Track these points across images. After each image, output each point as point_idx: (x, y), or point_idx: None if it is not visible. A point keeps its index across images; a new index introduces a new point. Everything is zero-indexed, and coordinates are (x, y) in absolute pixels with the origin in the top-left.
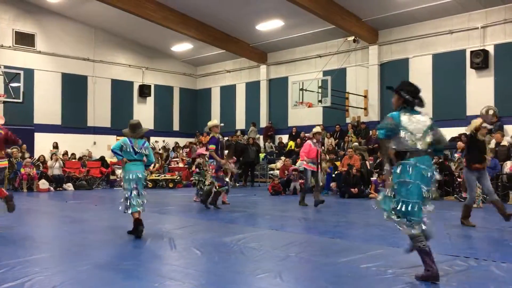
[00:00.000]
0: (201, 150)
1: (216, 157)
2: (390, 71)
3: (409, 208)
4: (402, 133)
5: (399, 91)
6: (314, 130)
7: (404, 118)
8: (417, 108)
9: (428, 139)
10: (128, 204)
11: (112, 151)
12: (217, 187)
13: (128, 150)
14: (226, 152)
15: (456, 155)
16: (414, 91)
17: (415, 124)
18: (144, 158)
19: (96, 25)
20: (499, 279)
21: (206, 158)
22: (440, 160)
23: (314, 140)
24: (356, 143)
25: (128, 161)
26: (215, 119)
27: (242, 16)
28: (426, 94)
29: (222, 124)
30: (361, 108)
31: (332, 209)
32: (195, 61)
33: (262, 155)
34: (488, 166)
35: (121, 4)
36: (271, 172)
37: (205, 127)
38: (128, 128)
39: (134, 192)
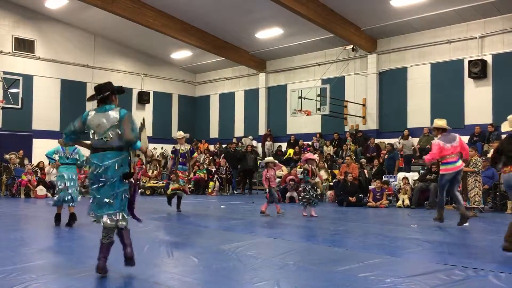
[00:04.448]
0: (309, 155)
1: (170, 163)
2: (389, 80)
3: (92, 202)
4: (90, 131)
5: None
6: (440, 122)
7: (91, 117)
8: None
9: (115, 133)
10: (57, 199)
11: (46, 156)
12: (169, 191)
13: (61, 155)
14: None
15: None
16: (98, 88)
17: (100, 121)
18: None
19: (95, 31)
20: None
21: (314, 167)
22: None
23: (439, 136)
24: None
25: (61, 164)
26: (181, 131)
27: (241, 24)
28: (424, 103)
29: (187, 135)
30: (360, 116)
31: (330, 218)
32: (194, 68)
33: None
34: (486, 176)
35: (121, 11)
36: None
37: (174, 135)
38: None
39: (64, 190)
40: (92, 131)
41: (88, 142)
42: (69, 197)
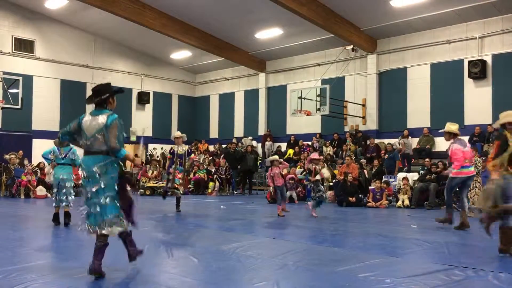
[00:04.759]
0: (314, 155)
1: (167, 163)
2: (389, 80)
3: (86, 213)
4: (82, 133)
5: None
6: (453, 127)
7: (85, 119)
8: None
9: (101, 138)
10: (54, 199)
11: (43, 156)
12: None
13: (56, 155)
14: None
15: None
16: (96, 90)
17: (91, 124)
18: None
19: (95, 32)
20: None
21: (318, 167)
22: (438, 169)
23: (451, 141)
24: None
25: (57, 164)
26: (178, 131)
27: (241, 24)
28: (424, 103)
29: (184, 135)
30: (360, 116)
31: (330, 218)
32: (194, 68)
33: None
34: (485, 176)
35: (121, 12)
36: None
37: (171, 136)
38: (58, 139)
39: (59, 190)
40: (83, 133)
41: None
42: (63, 198)
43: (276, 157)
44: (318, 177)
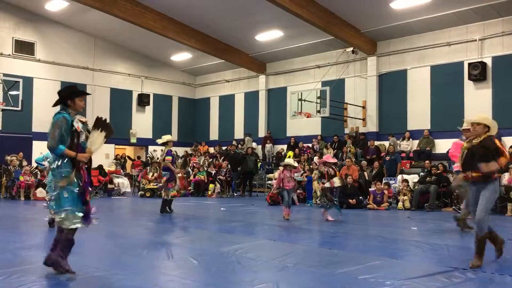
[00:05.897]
0: (327, 157)
1: (172, 167)
2: (389, 82)
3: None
4: None
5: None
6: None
7: None
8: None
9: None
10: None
11: (36, 162)
12: (168, 196)
13: (50, 160)
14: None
15: (454, 166)
16: (58, 93)
17: None
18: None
19: (96, 34)
20: None
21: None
22: (438, 171)
23: (464, 137)
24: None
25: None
26: (169, 134)
27: (241, 26)
28: (424, 105)
29: (175, 139)
30: (360, 118)
31: (330, 220)
32: (194, 70)
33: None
34: None
35: (121, 14)
36: (270, 182)
37: (160, 140)
38: None
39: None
40: None
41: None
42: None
43: (291, 161)
44: (327, 184)
